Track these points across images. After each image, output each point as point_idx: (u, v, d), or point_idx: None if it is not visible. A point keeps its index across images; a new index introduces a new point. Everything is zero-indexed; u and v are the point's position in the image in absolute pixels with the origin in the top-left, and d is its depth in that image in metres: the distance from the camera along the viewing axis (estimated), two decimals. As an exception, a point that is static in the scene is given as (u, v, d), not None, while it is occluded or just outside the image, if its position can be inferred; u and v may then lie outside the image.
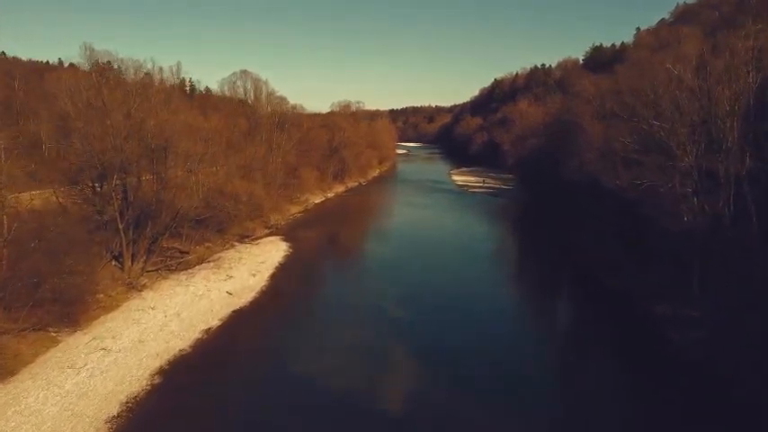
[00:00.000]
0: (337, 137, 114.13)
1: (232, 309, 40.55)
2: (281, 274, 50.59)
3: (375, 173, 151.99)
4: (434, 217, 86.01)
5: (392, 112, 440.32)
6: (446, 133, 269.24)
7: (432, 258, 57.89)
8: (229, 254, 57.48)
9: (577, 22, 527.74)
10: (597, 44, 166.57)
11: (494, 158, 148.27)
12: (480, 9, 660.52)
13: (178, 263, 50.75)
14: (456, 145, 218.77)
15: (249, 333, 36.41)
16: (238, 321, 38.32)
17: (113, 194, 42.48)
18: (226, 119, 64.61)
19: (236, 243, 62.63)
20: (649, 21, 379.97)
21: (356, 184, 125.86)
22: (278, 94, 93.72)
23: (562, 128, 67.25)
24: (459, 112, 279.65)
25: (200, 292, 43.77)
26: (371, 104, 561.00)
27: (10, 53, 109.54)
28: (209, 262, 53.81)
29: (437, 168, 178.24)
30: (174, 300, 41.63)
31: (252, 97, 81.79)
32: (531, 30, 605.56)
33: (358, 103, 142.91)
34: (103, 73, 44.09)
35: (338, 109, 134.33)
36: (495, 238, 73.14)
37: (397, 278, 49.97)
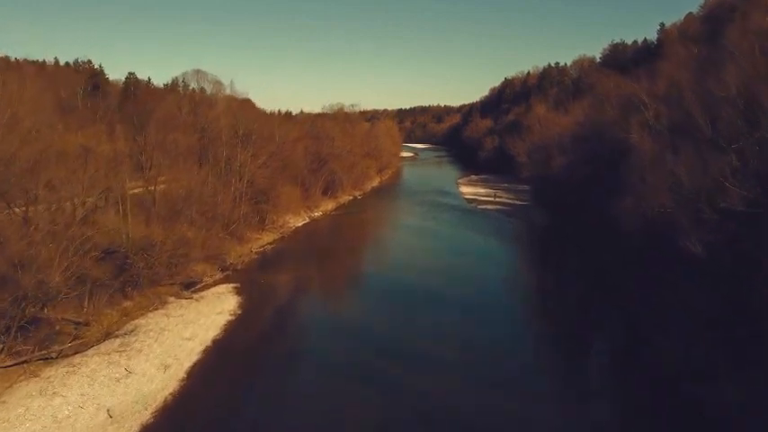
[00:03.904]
0: (326, 147, 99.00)
1: (93, 458, 25.38)
2: (208, 365, 35.16)
3: (374, 183, 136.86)
4: (437, 249, 70.22)
5: (400, 111, 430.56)
6: (455, 134, 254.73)
7: (432, 327, 42.07)
8: (153, 319, 42.31)
9: (589, 18, 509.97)
10: (616, 41, 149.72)
11: (505, 165, 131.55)
12: (488, 5, 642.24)
13: (64, 347, 35.59)
14: (465, 148, 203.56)
15: None
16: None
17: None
18: (157, 132, 48.77)
19: (172, 297, 47.48)
20: (665, 17, 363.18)
21: (350, 198, 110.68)
22: (245, 96, 79.55)
23: (602, 146, 51.71)
24: (468, 112, 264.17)
25: (65, 413, 28.52)
26: (379, 104, 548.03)
27: None
28: (115, 337, 38.62)
29: (444, 176, 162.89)
30: (10, 435, 26.56)
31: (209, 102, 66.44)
32: (540, 26, 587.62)
33: (353, 106, 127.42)
34: None
35: (330, 112, 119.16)
36: (512, 289, 53.89)
37: (384, 378, 33.98)
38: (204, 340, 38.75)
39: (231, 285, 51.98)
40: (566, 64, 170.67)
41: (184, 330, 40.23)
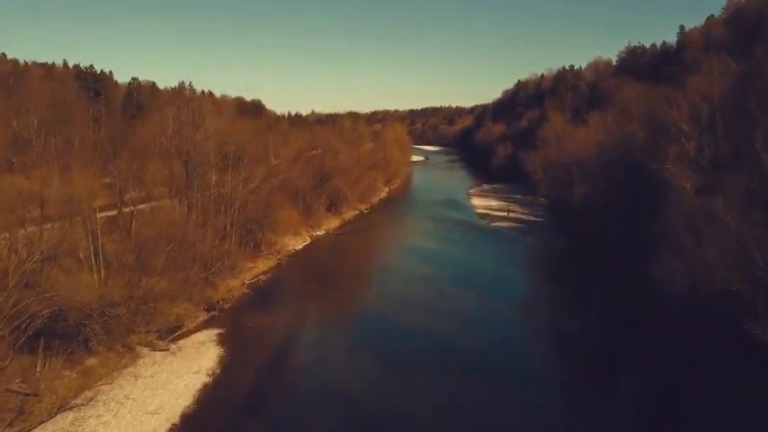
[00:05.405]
0: (329, 161, 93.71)
1: None
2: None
3: (382, 194, 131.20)
4: (447, 281, 62.93)
5: (411, 112, 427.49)
6: (467, 137, 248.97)
7: (438, 393, 36.12)
8: (118, 382, 36.95)
9: (601, 18, 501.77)
10: (633, 44, 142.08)
11: (518, 174, 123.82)
12: (496, 5, 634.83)
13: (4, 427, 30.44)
14: (477, 152, 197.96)
15: None
16: None
17: None
18: (132, 161, 43.29)
19: (146, 349, 42.30)
20: (680, 18, 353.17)
21: (356, 213, 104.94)
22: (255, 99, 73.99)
23: (629, 171, 45.85)
24: (480, 114, 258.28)
25: None
26: (390, 105, 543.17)
27: None
28: (69, 409, 33.36)
29: (455, 184, 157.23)
30: None
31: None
32: (552, 26, 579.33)
33: (356, 112, 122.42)
34: None
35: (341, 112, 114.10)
36: (531, 338, 47.45)
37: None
38: (172, 415, 33.23)
39: (215, 331, 46.62)
40: (580, 67, 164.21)
41: (151, 400, 34.83)
